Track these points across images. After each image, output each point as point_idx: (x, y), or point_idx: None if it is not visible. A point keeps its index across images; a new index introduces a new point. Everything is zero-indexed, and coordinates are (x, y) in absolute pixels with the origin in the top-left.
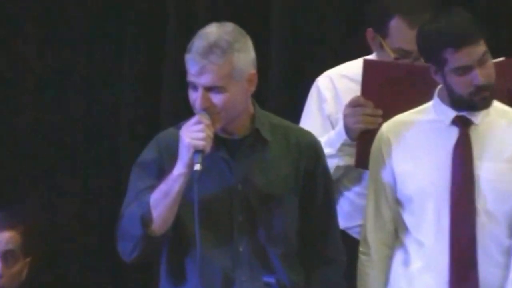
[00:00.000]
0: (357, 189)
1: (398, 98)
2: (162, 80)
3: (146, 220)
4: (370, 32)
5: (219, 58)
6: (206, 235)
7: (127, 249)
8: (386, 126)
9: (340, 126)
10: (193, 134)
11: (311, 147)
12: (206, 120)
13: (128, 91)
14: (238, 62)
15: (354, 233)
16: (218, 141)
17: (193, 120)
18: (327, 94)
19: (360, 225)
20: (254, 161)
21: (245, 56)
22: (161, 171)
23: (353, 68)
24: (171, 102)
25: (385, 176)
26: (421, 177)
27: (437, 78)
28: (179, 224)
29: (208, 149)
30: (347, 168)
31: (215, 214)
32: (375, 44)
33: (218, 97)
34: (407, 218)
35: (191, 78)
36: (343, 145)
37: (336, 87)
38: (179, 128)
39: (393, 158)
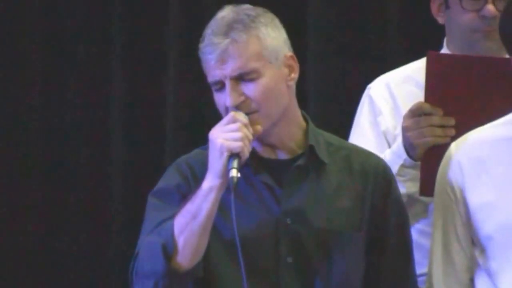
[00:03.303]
0: (420, 226)
1: (476, 103)
2: None
3: (169, 250)
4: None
5: (242, 34)
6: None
7: None
8: (456, 146)
9: (398, 142)
10: (226, 134)
11: (381, 175)
12: (242, 118)
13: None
14: (267, 38)
15: (419, 283)
16: (259, 162)
17: (227, 118)
18: (383, 104)
19: (426, 274)
20: (307, 189)
21: (275, 33)
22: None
23: (418, 70)
24: None
25: (456, 210)
26: (505, 211)
27: None
28: (208, 261)
29: (246, 153)
30: (408, 198)
31: (257, 255)
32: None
33: (252, 86)
34: (486, 263)
35: (213, 74)
36: (403, 167)
37: (395, 95)
38: (206, 149)
39: (466, 187)
